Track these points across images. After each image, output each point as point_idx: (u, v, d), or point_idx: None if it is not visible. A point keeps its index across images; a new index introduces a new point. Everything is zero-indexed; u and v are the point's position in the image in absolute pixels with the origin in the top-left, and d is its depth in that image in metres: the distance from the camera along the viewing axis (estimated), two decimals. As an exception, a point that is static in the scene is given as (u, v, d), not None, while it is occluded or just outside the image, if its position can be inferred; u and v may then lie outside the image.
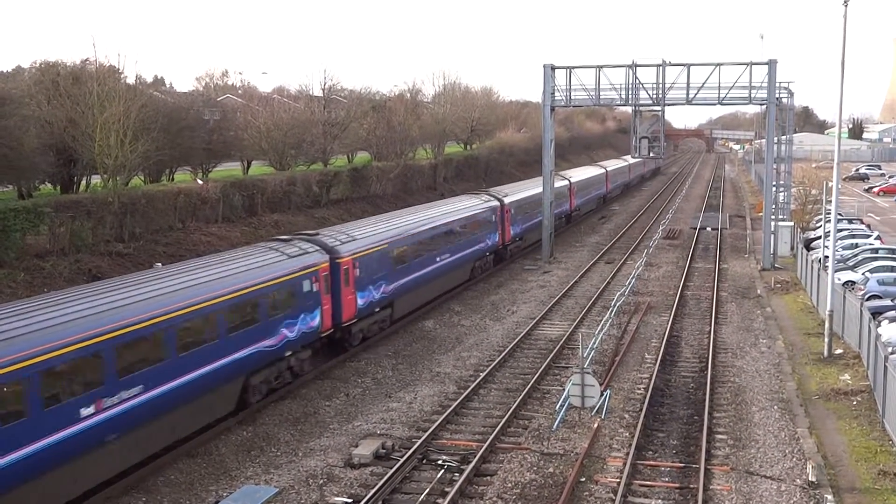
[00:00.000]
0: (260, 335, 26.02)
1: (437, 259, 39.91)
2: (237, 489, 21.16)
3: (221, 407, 24.99)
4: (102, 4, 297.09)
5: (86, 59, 44.66)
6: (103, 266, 35.32)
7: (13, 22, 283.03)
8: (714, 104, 53.17)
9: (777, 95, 52.32)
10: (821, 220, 53.08)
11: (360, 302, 32.49)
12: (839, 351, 32.24)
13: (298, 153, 60.40)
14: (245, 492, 20.91)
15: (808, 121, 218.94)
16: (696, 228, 70.47)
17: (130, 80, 46.10)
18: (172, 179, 51.90)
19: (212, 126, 55.17)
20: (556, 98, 54.69)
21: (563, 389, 26.62)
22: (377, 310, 34.37)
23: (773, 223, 52.45)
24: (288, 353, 27.94)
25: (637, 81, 52.86)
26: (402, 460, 22.28)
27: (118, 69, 44.73)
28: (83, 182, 44.96)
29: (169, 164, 50.50)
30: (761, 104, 53.63)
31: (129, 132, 39.48)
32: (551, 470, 22.17)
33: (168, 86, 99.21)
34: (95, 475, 20.22)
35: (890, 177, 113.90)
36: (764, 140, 59.78)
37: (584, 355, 25.75)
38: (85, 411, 19.38)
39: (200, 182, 47.32)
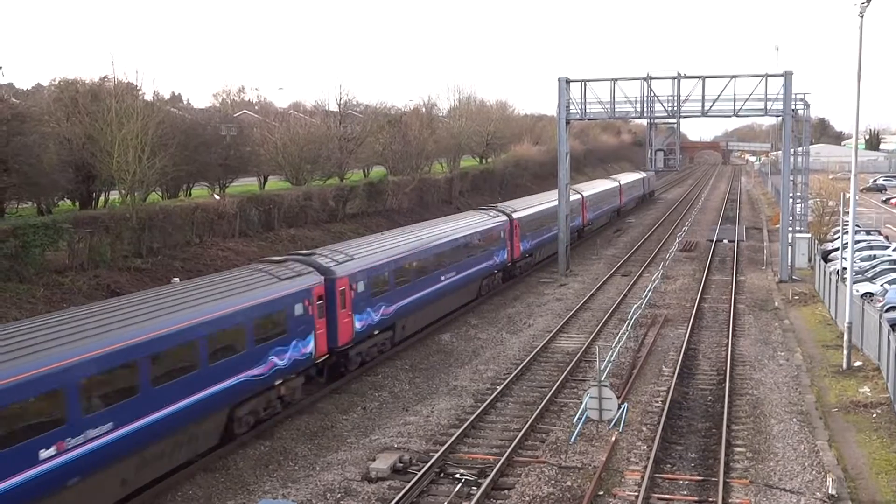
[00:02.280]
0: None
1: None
2: (255, 503, 21.20)
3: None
4: (120, 23, 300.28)
5: (104, 77, 45.10)
6: (122, 281, 35.53)
7: (33, 41, 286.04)
8: (730, 116, 53.08)
9: (793, 107, 52.19)
10: (838, 231, 52.84)
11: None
12: (858, 363, 32.03)
13: (314, 168, 60.61)
14: (263, 506, 20.96)
15: (825, 132, 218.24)
16: (712, 241, 70.22)
17: (148, 97, 46.40)
18: (190, 195, 52.18)
19: (228, 142, 55.45)
20: (571, 111, 54.74)
21: (581, 402, 26.58)
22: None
23: (790, 235, 52.22)
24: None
25: (652, 94, 52.87)
26: (419, 474, 22.28)
27: (136, 86, 45.13)
28: (101, 198, 45.28)
29: (186, 180, 50.78)
30: (777, 116, 53.51)
31: (147, 148, 39.76)
32: (569, 483, 22.11)
33: (185, 102, 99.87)
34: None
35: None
36: (780, 152, 59.59)
37: (602, 368, 25.69)
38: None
39: (217, 197, 47.56)
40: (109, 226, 37.12)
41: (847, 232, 36.59)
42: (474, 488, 21.79)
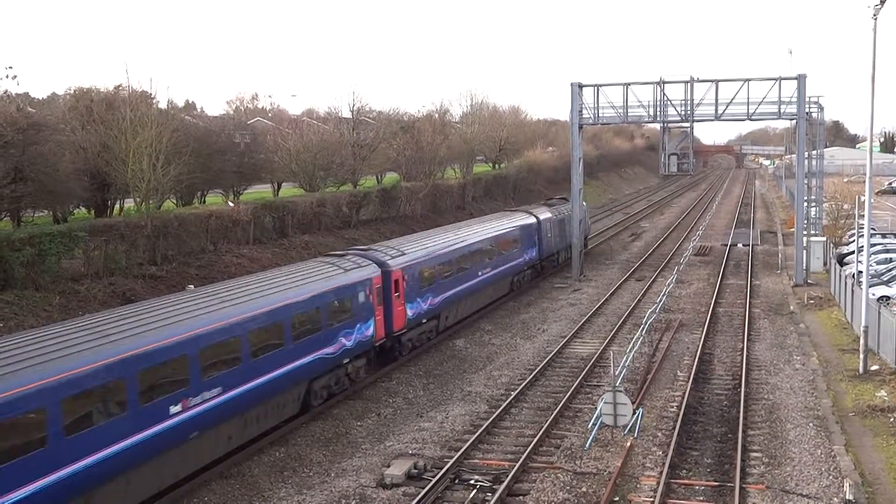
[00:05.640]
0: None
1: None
2: (270, 510, 21.25)
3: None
4: (134, 31, 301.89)
5: (119, 86, 45.28)
6: (137, 289, 35.66)
7: (48, 50, 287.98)
8: (743, 120, 53.05)
9: (807, 110, 52.03)
10: (853, 234, 52.57)
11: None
12: (875, 367, 31.85)
13: (328, 174, 60.76)
14: (278, 512, 21.11)
15: (839, 135, 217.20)
16: (727, 245, 69.97)
17: (162, 105, 46.62)
18: (204, 202, 52.38)
19: (242, 149, 55.69)
20: (583, 116, 54.71)
21: (595, 408, 26.51)
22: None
23: (805, 238, 52.00)
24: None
25: (665, 98, 52.79)
26: (434, 480, 22.28)
27: (150, 94, 45.30)
28: (116, 206, 45.49)
29: (200, 187, 50.96)
30: (791, 119, 53.35)
31: (162, 156, 39.92)
32: (584, 489, 22.06)
33: (199, 110, 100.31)
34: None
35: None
36: (794, 155, 59.38)
37: (616, 373, 25.64)
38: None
39: (231, 204, 47.71)
40: (124, 233, 37.28)
41: (862, 235, 36.37)
42: (489, 494, 21.77)
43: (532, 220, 51.69)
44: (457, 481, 22.81)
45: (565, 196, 67.11)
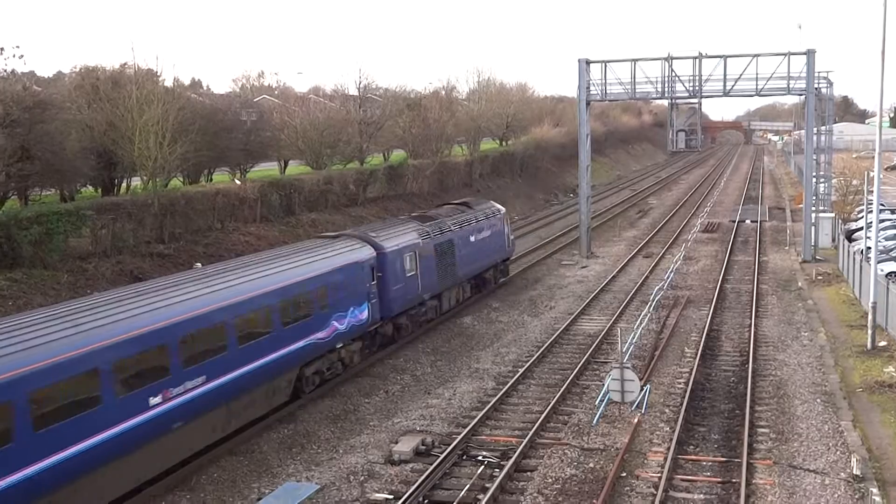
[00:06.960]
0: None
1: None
2: (279, 486, 21.37)
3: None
4: (140, 9, 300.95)
5: (125, 64, 45.14)
6: (145, 267, 35.76)
7: (53, 28, 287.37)
8: (752, 96, 52.74)
9: (816, 85, 51.66)
10: (862, 210, 52.35)
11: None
12: (883, 343, 31.80)
13: (334, 152, 60.64)
14: (286, 489, 21.11)
15: (849, 110, 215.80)
16: (735, 221, 69.78)
17: (168, 83, 46.39)
18: (211, 180, 52.37)
19: (249, 127, 55.56)
20: (591, 92, 54.41)
21: (603, 384, 26.55)
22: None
23: (813, 215, 51.82)
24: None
25: (673, 74, 52.50)
26: (442, 456, 22.37)
27: (156, 72, 45.13)
28: (123, 184, 45.51)
29: (207, 166, 50.93)
30: (800, 95, 53.01)
31: (168, 134, 39.87)
32: (592, 465, 22.13)
33: (205, 88, 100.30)
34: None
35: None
36: (803, 131, 59.05)
37: (624, 350, 25.65)
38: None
39: (238, 182, 47.70)
40: (132, 212, 37.31)
41: (871, 211, 36.22)
42: (497, 470, 21.86)
43: (364, 253, 30.49)
44: (465, 457, 22.91)
45: (467, 200, 46.19)
